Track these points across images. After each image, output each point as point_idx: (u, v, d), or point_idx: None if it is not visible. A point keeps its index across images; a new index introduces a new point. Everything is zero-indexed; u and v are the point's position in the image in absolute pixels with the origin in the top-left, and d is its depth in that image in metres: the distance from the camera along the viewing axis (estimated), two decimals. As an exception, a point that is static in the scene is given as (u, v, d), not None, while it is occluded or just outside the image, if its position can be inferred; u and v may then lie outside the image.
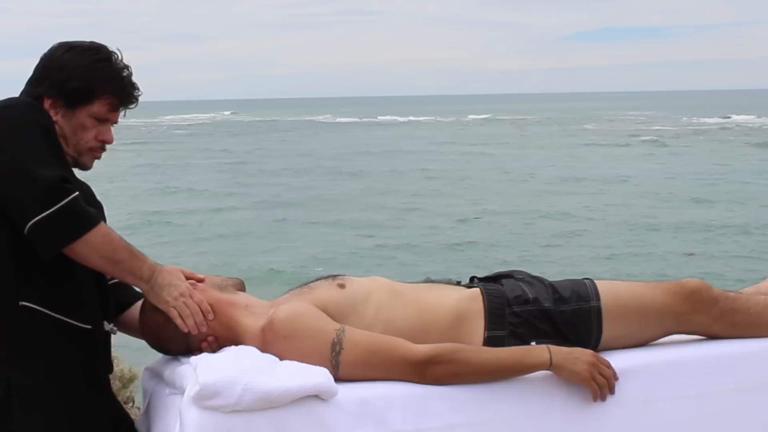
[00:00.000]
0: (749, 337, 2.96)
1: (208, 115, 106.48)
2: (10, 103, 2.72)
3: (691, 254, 15.59)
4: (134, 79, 2.86)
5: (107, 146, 2.85)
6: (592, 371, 2.68)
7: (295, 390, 2.47)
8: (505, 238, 17.90)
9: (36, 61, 2.80)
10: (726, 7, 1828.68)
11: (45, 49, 2.80)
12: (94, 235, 2.60)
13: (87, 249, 2.60)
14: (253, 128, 68.14)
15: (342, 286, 2.83)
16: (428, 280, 3.03)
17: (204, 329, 2.73)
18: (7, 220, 2.59)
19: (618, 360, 2.77)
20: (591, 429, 2.72)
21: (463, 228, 19.34)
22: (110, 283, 2.86)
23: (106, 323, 2.81)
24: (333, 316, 2.72)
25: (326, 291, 2.81)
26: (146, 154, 42.24)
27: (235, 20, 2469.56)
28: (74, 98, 2.77)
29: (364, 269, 14.52)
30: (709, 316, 2.93)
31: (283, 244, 17.77)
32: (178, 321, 2.72)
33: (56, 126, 2.74)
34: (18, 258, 2.62)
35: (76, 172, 2.83)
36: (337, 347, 2.63)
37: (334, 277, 2.89)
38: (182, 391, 2.57)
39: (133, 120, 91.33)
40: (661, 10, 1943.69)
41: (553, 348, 2.70)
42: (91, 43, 2.86)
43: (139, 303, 2.84)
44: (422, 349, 2.65)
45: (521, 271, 3.00)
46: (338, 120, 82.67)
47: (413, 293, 2.87)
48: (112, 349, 2.92)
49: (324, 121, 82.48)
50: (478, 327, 2.81)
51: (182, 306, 2.72)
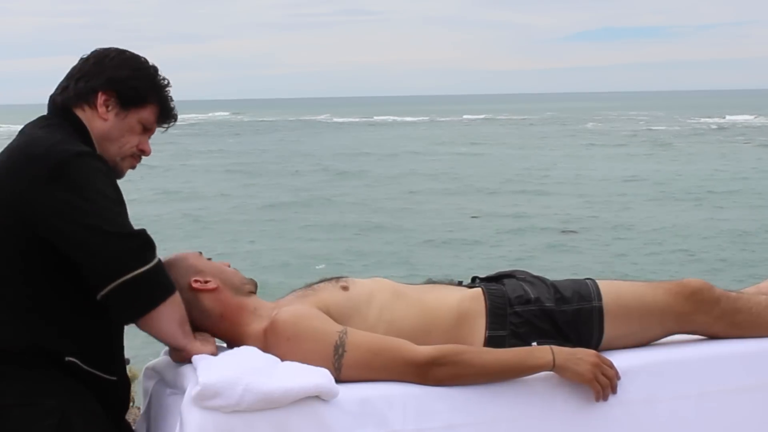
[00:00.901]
0: (750, 337, 2.96)
1: (207, 114, 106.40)
2: (76, 150, 2.54)
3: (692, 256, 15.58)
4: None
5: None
6: (595, 372, 2.67)
7: (296, 391, 2.47)
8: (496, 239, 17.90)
9: (35, 61, 2.83)
10: (726, 7, 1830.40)
11: (45, 49, 2.82)
12: (171, 300, 2.55)
13: (166, 314, 2.54)
14: (252, 128, 68.10)
15: (345, 288, 2.82)
16: (430, 281, 3.02)
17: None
18: (67, 279, 2.52)
19: (619, 360, 2.76)
20: (592, 429, 2.71)
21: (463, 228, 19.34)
22: None
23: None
24: (336, 318, 2.72)
25: (329, 293, 2.80)
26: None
27: (235, 20, 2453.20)
28: (130, 98, 2.69)
29: (366, 269, 14.52)
30: (710, 316, 2.93)
31: (280, 244, 17.76)
32: None
33: (104, 124, 2.67)
34: (67, 317, 2.55)
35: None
36: (340, 350, 2.63)
37: (338, 279, 2.88)
38: (183, 391, 2.57)
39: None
40: (661, 10, 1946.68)
41: (556, 349, 2.69)
42: (127, 50, 2.79)
43: None
44: (425, 350, 2.65)
45: (523, 271, 3.00)
46: (337, 120, 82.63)
47: (415, 294, 2.87)
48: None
49: (323, 121, 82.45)
50: (479, 327, 2.81)
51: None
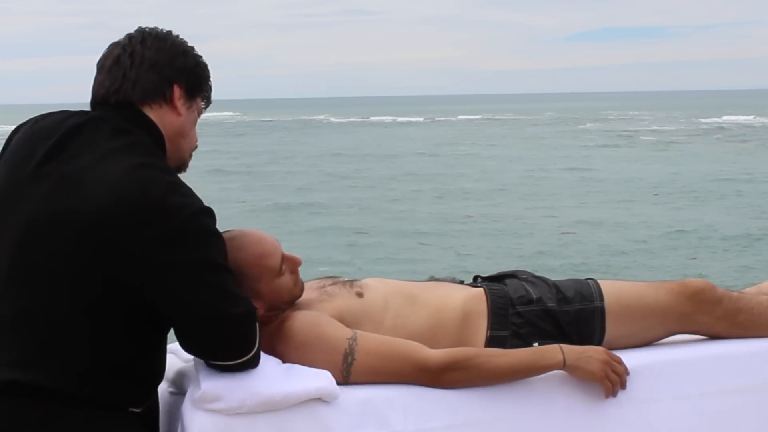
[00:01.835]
0: (752, 337, 2.96)
1: (209, 114, 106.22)
2: (197, 207, 2.27)
3: (694, 258, 15.57)
4: None
5: None
6: (606, 369, 2.67)
7: (298, 394, 2.46)
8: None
9: (35, 61, 2.59)
10: (726, 7, 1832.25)
11: (45, 49, 2.58)
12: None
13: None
14: (253, 128, 68.08)
15: (360, 294, 2.78)
16: (432, 279, 3.02)
17: None
18: (145, 332, 2.33)
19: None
20: (593, 428, 2.71)
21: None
22: None
23: None
24: (348, 324, 2.68)
25: (344, 300, 2.75)
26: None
27: (234, 20, 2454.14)
28: (196, 87, 2.44)
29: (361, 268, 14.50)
30: (712, 316, 2.93)
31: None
32: None
33: (179, 119, 2.42)
34: (133, 367, 2.36)
35: None
36: (349, 358, 2.60)
37: (351, 282, 2.83)
38: (184, 392, 2.57)
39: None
40: (661, 10, 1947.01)
41: (566, 348, 2.69)
42: (170, 32, 2.48)
43: None
44: (436, 356, 2.63)
45: (524, 271, 2.99)
46: (336, 120, 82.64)
47: (423, 294, 2.84)
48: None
49: (322, 121, 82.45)
50: (481, 327, 2.80)
51: None
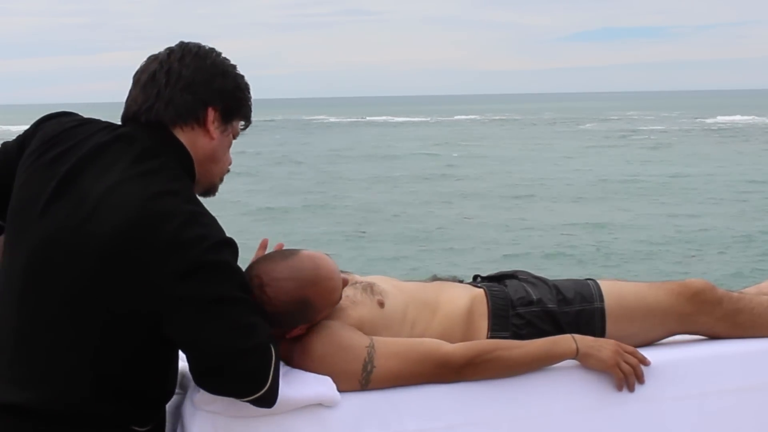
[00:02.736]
0: (752, 338, 2.96)
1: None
2: (218, 238, 2.21)
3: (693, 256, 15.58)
4: None
5: None
6: (617, 358, 2.68)
7: (298, 400, 2.45)
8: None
9: (35, 61, 2.52)
10: (726, 7, 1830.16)
11: (45, 49, 2.52)
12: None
13: None
14: (254, 127, 67.98)
15: (381, 303, 2.74)
16: (435, 278, 3.02)
17: None
18: (155, 359, 2.32)
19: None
20: (593, 428, 2.71)
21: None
22: None
23: None
24: (366, 332, 2.66)
25: (367, 309, 2.71)
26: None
27: (235, 20, 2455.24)
28: (233, 110, 2.37)
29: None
30: (712, 316, 2.93)
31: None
32: None
33: (211, 144, 2.34)
34: (141, 390, 2.35)
35: None
36: (369, 366, 2.58)
37: (372, 288, 2.78)
38: (185, 391, 2.57)
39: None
40: (661, 10, 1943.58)
41: (578, 337, 2.71)
42: (213, 49, 2.40)
43: None
44: (458, 350, 2.63)
45: (524, 272, 2.99)
46: (335, 120, 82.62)
47: (434, 297, 2.83)
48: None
49: (322, 121, 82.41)
50: (481, 328, 2.81)
51: None
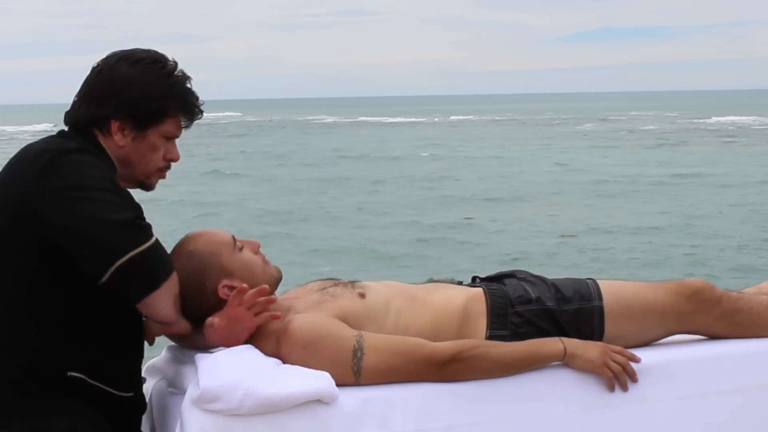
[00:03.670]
0: (751, 337, 2.96)
1: (209, 115, 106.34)
2: (71, 146, 2.50)
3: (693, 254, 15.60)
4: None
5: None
6: (605, 358, 2.70)
7: (297, 396, 2.46)
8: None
9: (35, 61, 2.69)
10: (726, 7, 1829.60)
11: (45, 49, 2.69)
12: (171, 279, 2.49)
13: (165, 293, 2.47)
14: (255, 128, 67.99)
15: (362, 295, 2.79)
16: (431, 280, 3.02)
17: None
18: (61, 286, 2.45)
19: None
20: (592, 429, 2.71)
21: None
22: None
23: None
24: (352, 325, 2.69)
25: (348, 300, 2.76)
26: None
27: (235, 20, 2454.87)
28: (146, 119, 2.60)
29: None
30: (711, 315, 2.93)
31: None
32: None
33: (122, 150, 2.60)
34: (69, 326, 2.47)
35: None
36: (359, 353, 2.61)
37: (353, 284, 2.84)
38: (183, 392, 2.57)
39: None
40: (661, 10, 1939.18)
41: (566, 339, 2.73)
42: (151, 52, 2.66)
43: None
44: (444, 347, 2.66)
45: (523, 271, 3.00)
46: (333, 120, 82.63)
47: (425, 295, 2.86)
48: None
49: (321, 121, 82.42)
50: (480, 327, 2.81)
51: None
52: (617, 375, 2.71)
